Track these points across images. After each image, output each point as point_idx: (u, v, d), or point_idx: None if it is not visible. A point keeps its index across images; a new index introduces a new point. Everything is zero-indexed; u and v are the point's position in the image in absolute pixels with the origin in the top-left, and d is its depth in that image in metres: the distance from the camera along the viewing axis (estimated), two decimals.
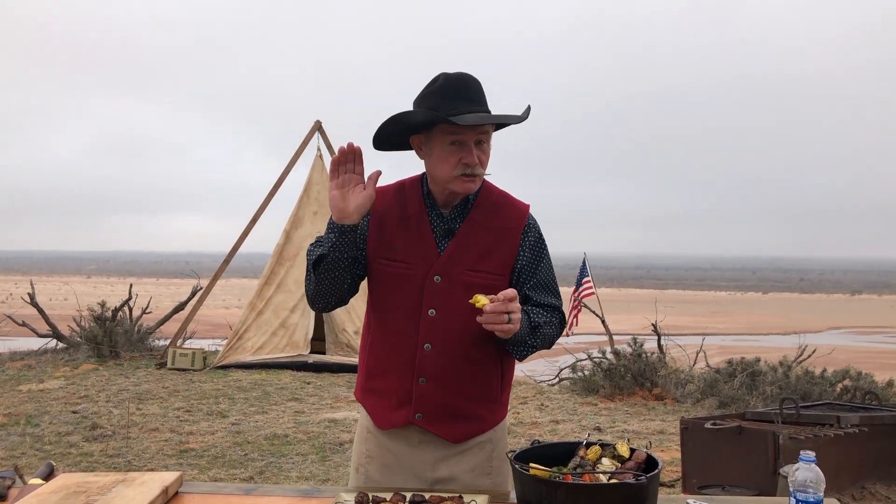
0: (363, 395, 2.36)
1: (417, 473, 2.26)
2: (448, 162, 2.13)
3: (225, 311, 23.64)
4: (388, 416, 2.27)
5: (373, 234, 2.24)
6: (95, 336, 11.81)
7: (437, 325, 2.19)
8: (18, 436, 7.05)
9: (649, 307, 12.76)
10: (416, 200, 2.25)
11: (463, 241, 2.21)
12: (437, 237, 2.22)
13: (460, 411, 2.24)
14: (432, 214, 2.24)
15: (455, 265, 2.20)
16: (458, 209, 2.24)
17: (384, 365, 2.27)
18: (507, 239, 2.24)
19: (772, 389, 8.40)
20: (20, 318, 12.73)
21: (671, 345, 10.78)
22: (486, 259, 2.20)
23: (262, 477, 5.89)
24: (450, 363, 2.20)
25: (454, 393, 2.22)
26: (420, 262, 2.20)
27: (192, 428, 7.45)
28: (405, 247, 2.22)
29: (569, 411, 8.51)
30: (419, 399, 2.22)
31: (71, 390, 9.30)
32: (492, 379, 2.27)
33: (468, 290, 2.12)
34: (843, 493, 4.85)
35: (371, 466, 2.31)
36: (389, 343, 2.24)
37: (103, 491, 1.98)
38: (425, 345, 2.20)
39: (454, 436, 2.24)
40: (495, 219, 2.25)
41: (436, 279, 2.19)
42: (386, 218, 2.24)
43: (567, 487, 1.77)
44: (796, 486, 1.73)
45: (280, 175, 12.00)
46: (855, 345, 27.54)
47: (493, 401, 2.29)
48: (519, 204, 2.31)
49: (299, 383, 9.89)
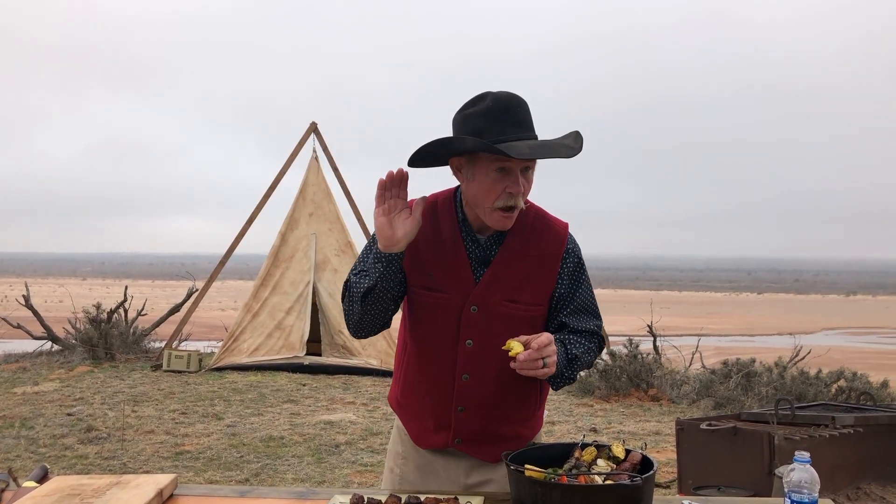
0: (399, 407, 2.32)
1: (452, 479, 2.24)
2: (492, 190, 2.01)
3: (221, 313, 23.62)
4: (426, 436, 2.24)
5: (408, 259, 2.11)
6: (91, 338, 11.79)
7: (475, 355, 2.13)
8: (13, 438, 7.02)
9: (645, 308, 12.78)
10: (449, 224, 2.15)
11: (500, 271, 2.12)
12: (474, 265, 2.13)
13: (500, 434, 2.20)
14: (468, 240, 2.14)
15: (492, 295, 2.11)
16: (495, 235, 2.14)
17: (421, 389, 2.22)
18: (546, 267, 2.15)
19: (767, 390, 8.41)
20: (15, 320, 12.69)
21: (667, 346, 10.80)
22: (523, 289, 2.12)
23: (257, 479, 5.88)
24: (488, 393, 2.15)
25: (494, 420, 2.19)
26: (456, 291, 2.12)
27: (188, 430, 7.43)
28: (441, 274, 2.13)
29: (565, 412, 8.51)
30: (458, 426, 2.19)
31: (66, 392, 9.28)
32: (529, 400, 2.23)
33: (506, 321, 2.09)
34: (838, 493, 4.86)
35: (407, 468, 2.29)
36: (426, 371, 2.20)
37: (98, 493, 1.97)
38: (464, 376, 2.14)
39: (493, 457, 2.18)
40: (533, 245, 2.14)
41: (472, 309, 2.12)
42: (419, 241, 2.10)
43: (562, 489, 1.76)
44: (791, 487, 1.74)
45: (276, 177, 12.00)
46: (850, 345, 27.59)
47: (532, 418, 2.27)
48: (557, 225, 2.20)
49: (295, 385, 9.87)
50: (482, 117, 1.99)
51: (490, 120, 1.98)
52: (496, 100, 2.01)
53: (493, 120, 1.98)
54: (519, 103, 2.03)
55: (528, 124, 2.03)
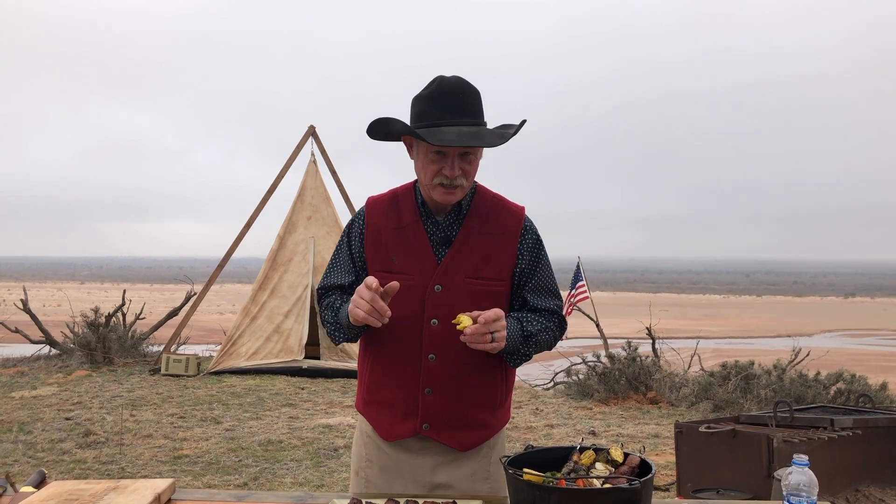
0: (365, 407, 2.34)
1: (417, 478, 2.26)
2: (429, 170, 2.12)
3: (219, 317, 23.59)
4: (394, 427, 2.26)
5: (370, 249, 2.24)
6: (89, 342, 11.77)
7: (441, 335, 2.17)
8: (11, 443, 7.01)
9: (643, 310, 12.79)
10: (410, 210, 2.23)
11: (461, 249, 2.19)
12: (435, 246, 2.20)
13: (467, 419, 2.23)
14: (428, 223, 2.22)
15: (455, 273, 2.18)
16: (453, 216, 2.22)
17: (388, 377, 2.25)
18: (505, 244, 2.22)
19: (766, 392, 8.41)
20: (13, 324, 12.68)
21: (665, 348, 10.80)
22: (485, 266, 2.19)
23: (256, 483, 5.87)
24: (455, 373, 2.19)
25: (461, 402, 2.21)
26: (419, 273, 2.18)
27: (186, 434, 7.42)
28: (403, 258, 2.20)
29: (563, 415, 8.51)
30: (426, 409, 2.21)
31: (64, 397, 9.26)
32: (496, 385, 2.27)
33: (470, 297, 2.13)
34: (837, 495, 4.85)
35: (371, 470, 2.31)
36: (393, 355, 2.22)
37: (95, 499, 1.97)
38: (430, 355, 2.18)
39: (461, 444, 2.23)
40: (491, 224, 2.22)
41: (436, 289, 2.18)
42: (381, 230, 2.23)
43: (561, 492, 1.76)
44: (789, 490, 1.74)
45: (274, 180, 12.01)
46: (848, 347, 27.60)
47: (499, 406, 2.29)
48: (514, 207, 2.29)
49: (294, 389, 9.86)
50: (425, 101, 2.11)
51: (431, 104, 2.09)
52: (441, 85, 2.11)
53: (434, 104, 2.09)
54: (462, 89, 2.11)
55: (469, 110, 2.10)
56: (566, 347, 12.71)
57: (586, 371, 10.06)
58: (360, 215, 2.29)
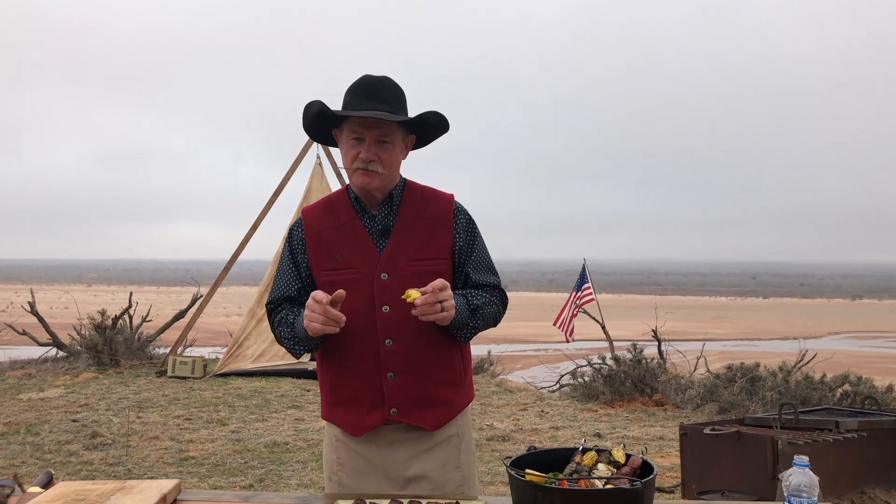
0: (330, 411, 2.39)
1: (389, 474, 2.31)
2: (349, 154, 2.26)
3: (225, 319, 23.66)
4: (363, 420, 2.31)
5: (312, 252, 2.33)
6: (96, 344, 11.82)
7: (393, 319, 2.25)
8: (18, 444, 7.05)
9: (649, 313, 12.77)
10: (345, 208, 2.35)
11: (400, 236, 2.31)
12: (375, 237, 2.31)
13: (431, 398, 2.30)
14: (364, 217, 2.33)
15: (398, 259, 2.28)
16: (386, 207, 2.33)
17: (350, 370, 2.31)
18: (441, 226, 2.34)
19: (771, 395, 8.39)
20: (20, 326, 12.73)
21: (671, 350, 10.79)
22: (425, 248, 2.29)
23: (261, 485, 5.89)
24: (413, 354, 2.27)
25: (423, 382, 2.28)
26: (364, 264, 2.28)
27: (193, 436, 7.44)
28: (347, 253, 2.30)
29: (569, 418, 8.51)
30: (391, 395, 2.27)
31: (71, 399, 9.30)
32: (454, 362, 2.34)
33: (415, 279, 2.21)
34: (842, 498, 4.85)
35: (343, 473, 2.36)
36: (351, 348, 2.28)
37: (102, 499, 1.98)
38: (386, 340, 2.26)
39: (430, 423, 2.30)
40: (425, 210, 2.35)
41: (383, 276, 2.27)
42: (321, 232, 2.34)
43: (563, 493, 1.77)
44: (790, 491, 1.75)
45: (280, 183, 12.04)
46: (855, 350, 27.52)
47: (459, 383, 2.37)
48: (444, 194, 2.41)
49: (299, 391, 9.89)
50: (348, 92, 2.28)
51: (352, 94, 2.26)
52: (363, 78, 2.28)
53: (355, 94, 2.26)
54: (382, 82, 2.28)
55: (389, 101, 2.26)
56: (572, 350, 12.71)
57: (592, 373, 10.05)
58: (298, 224, 2.40)
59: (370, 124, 2.22)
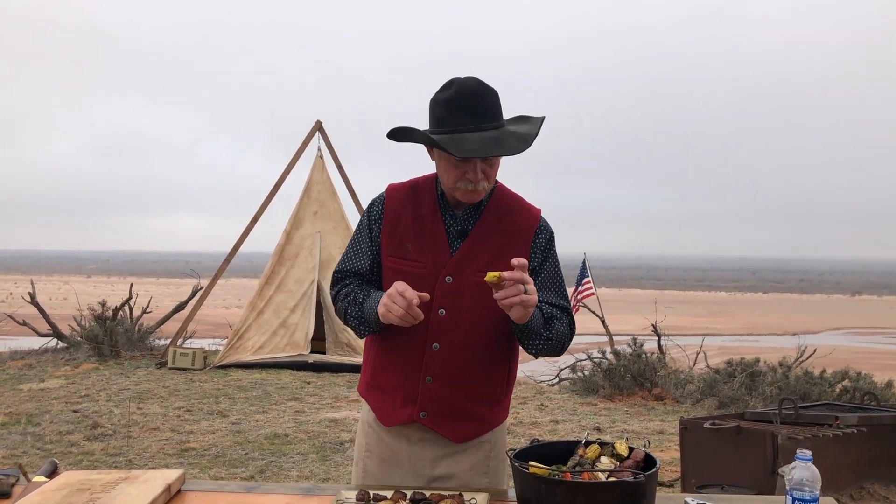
0: (367, 391, 2.37)
1: (416, 470, 2.28)
2: (451, 174, 2.14)
3: (225, 311, 23.65)
4: (393, 412, 2.29)
5: (386, 234, 2.26)
6: (96, 335, 11.83)
7: (447, 324, 2.20)
8: (19, 435, 7.06)
9: (649, 307, 12.79)
10: (429, 200, 2.27)
11: (475, 243, 2.22)
12: (451, 238, 2.24)
13: (464, 412, 2.26)
14: (446, 215, 2.25)
15: (467, 266, 2.20)
16: (471, 210, 2.24)
17: (391, 362, 2.28)
18: (519, 241, 2.25)
19: (771, 390, 8.41)
20: (21, 317, 12.75)
21: (671, 345, 10.80)
22: (497, 261, 2.18)
23: (262, 476, 5.90)
24: (457, 363, 2.21)
25: (459, 393, 2.23)
26: (432, 262, 2.22)
27: (193, 427, 7.46)
28: (417, 247, 2.23)
29: (568, 411, 8.52)
30: (424, 398, 2.24)
31: (71, 389, 9.32)
32: (497, 381, 2.29)
33: (479, 291, 2.14)
34: (841, 493, 4.86)
35: (370, 461, 2.34)
36: (398, 341, 2.24)
37: (107, 488, 1.99)
38: (434, 344, 2.21)
39: (457, 436, 2.26)
40: (507, 221, 2.25)
41: (447, 279, 2.20)
42: (399, 217, 2.26)
43: (566, 485, 1.78)
44: (793, 485, 1.75)
45: (281, 175, 12.03)
46: (854, 345, 27.54)
47: (497, 403, 2.31)
48: (531, 208, 2.32)
49: (299, 383, 9.90)
50: (445, 107, 2.10)
51: (450, 109, 2.09)
52: (459, 89, 2.10)
53: (454, 110, 2.08)
54: (481, 93, 2.11)
55: (489, 115, 2.10)
56: (572, 344, 12.71)
57: (591, 367, 10.06)
58: (380, 200, 2.31)
59: None
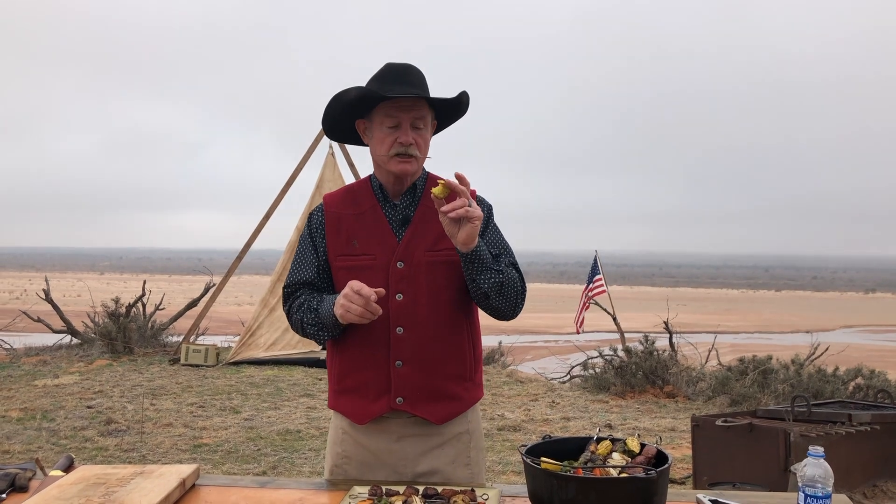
0: (337, 399, 2.38)
1: (398, 469, 2.30)
2: (385, 142, 2.24)
3: (237, 308, 23.76)
4: (367, 407, 2.30)
5: (331, 236, 2.34)
6: (109, 332, 11.91)
7: (406, 308, 2.26)
8: (34, 430, 7.13)
9: (661, 305, 12.75)
10: (367, 196, 2.36)
11: (420, 226, 2.30)
12: (394, 226, 2.31)
13: (439, 391, 2.29)
14: (385, 206, 2.33)
15: (415, 249, 2.28)
16: (409, 197, 2.33)
17: (359, 357, 2.30)
18: None
19: (784, 387, 8.38)
20: (35, 314, 12.85)
21: (683, 343, 10.76)
22: (442, 239, 2.26)
23: (274, 472, 5.94)
24: (423, 343, 2.26)
25: (431, 373, 2.28)
26: (381, 252, 2.28)
27: (206, 423, 7.51)
28: (364, 241, 2.30)
29: (580, 408, 8.52)
30: (398, 383, 2.27)
31: (85, 385, 9.39)
32: (464, 357, 2.33)
33: (431, 270, 2.24)
34: (854, 490, 4.85)
35: (349, 467, 2.34)
36: (362, 334, 2.27)
37: (122, 483, 2.01)
38: (398, 328, 2.26)
39: (436, 416, 2.29)
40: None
41: (399, 265, 2.27)
42: (342, 219, 2.35)
43: (578, 481, 1.79)
44: (805, 482, 1.75)
45: (292, 172, 12.06)
46: (868, 343, 27.38)
47: (468, 379, 2.36)
48: None
49: (311, 379, 9.94)
50: (376, 80, 2.26)
51: (382, 81, 2.25)
52: (389, 66, 2.27)
53: (385, 81, 2.24)
54: (410, 69, 2.27)
55: (415, 83, 2.25)
56: (583, 341, 12.69)
57: (603, 364, 10.05)
58: (319, 209, 2.41)
59: (407, 107, 2.21)
